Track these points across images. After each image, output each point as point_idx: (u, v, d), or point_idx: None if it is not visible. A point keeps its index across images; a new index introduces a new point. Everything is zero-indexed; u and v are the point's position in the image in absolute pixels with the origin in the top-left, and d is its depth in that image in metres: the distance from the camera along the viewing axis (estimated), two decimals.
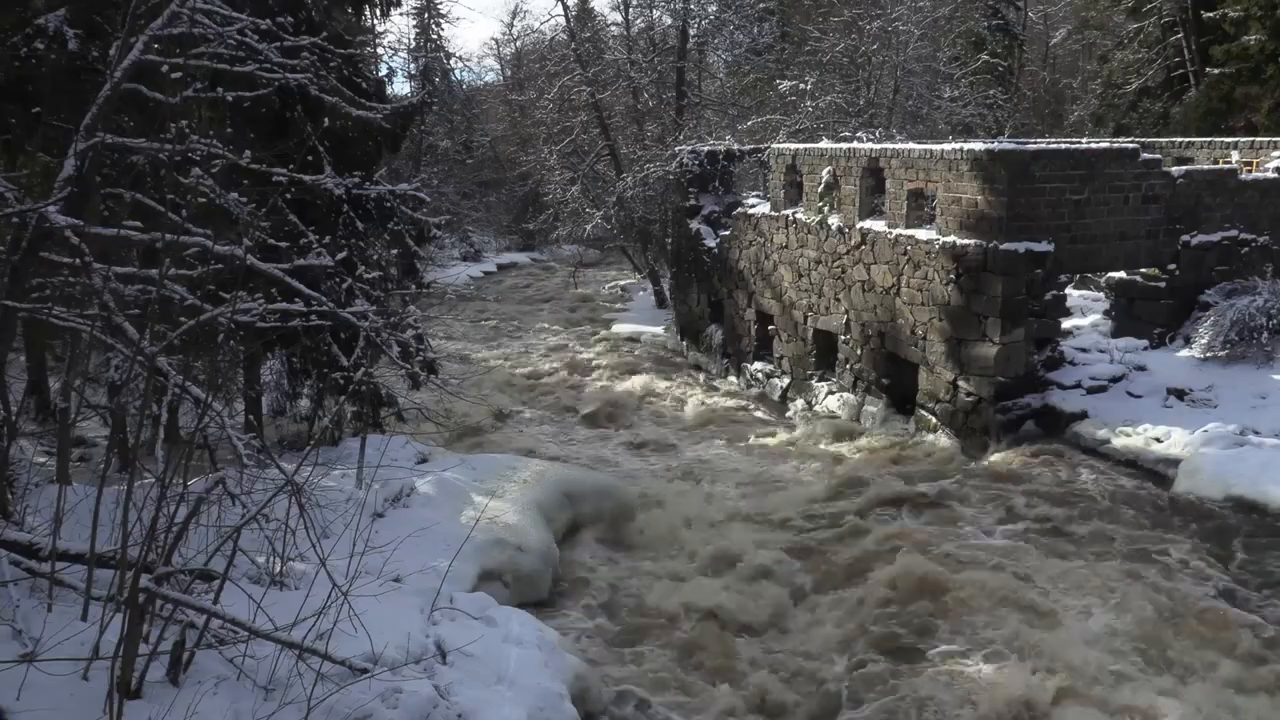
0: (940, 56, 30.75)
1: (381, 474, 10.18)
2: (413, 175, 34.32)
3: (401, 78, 51.69)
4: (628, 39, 33.55)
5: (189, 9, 7.98)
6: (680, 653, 9.37)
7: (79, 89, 9.20)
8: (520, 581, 10.10)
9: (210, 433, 9.09)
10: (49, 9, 9.42)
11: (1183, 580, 10.01)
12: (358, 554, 6.42)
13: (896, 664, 8.96)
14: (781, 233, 19.30)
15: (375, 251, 13.63)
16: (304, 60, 9.67)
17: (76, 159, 7.49)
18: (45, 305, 7.70)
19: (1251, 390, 13.58)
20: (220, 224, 9.44)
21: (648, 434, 17.73)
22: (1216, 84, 27.64)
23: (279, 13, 10.24)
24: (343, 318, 9.92)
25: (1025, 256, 13.83)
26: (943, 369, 14.85)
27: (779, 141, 23.54)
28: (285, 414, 14.74)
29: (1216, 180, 15.77)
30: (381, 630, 6.54)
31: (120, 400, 10.27)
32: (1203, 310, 15.21)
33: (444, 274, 35.44)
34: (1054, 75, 42.19)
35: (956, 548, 11.08)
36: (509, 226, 47.71)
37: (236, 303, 7.45)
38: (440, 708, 6.48)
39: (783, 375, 19.51)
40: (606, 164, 32.76)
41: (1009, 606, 9.58)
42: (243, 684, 6.02)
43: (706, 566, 11.18)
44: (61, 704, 5.39)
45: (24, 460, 9.05)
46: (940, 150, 14.87)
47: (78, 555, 6.55)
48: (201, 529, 6.83)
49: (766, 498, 13.47)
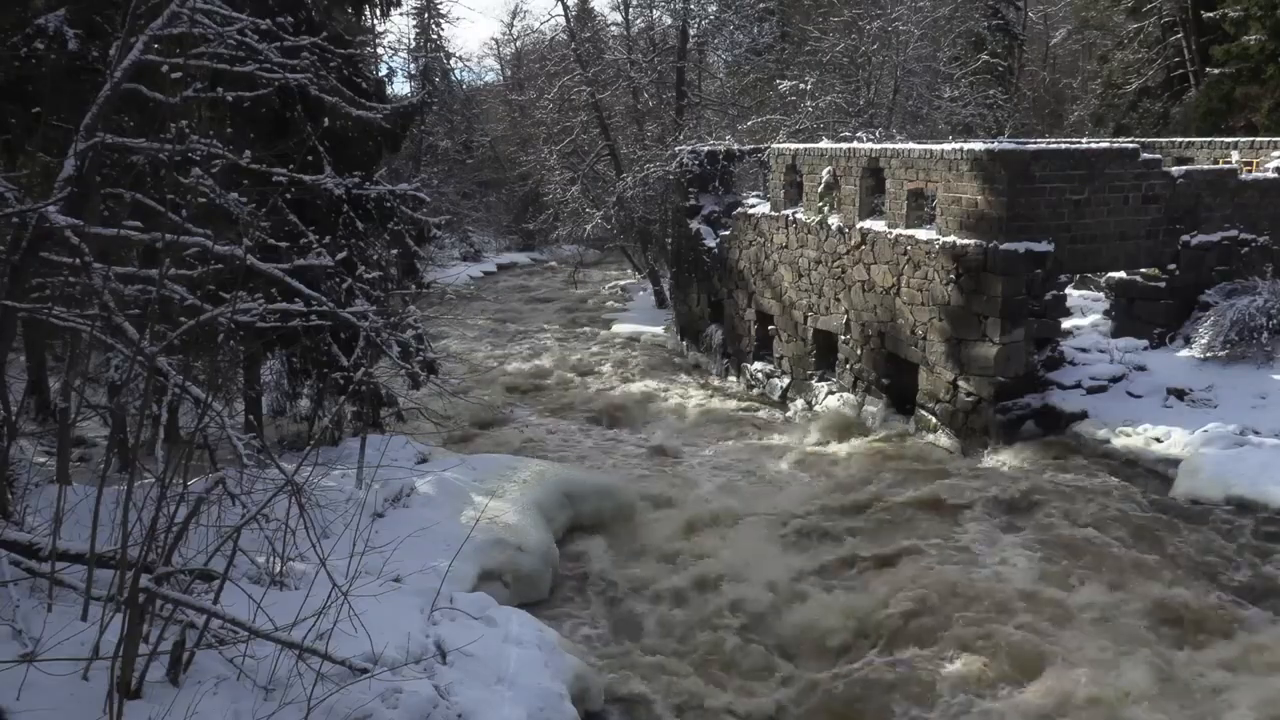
0: (940, 56, 30.74)
1: (381, 474, 10.18)
2: (413, 175, 34.32)
3: (401, 78, 51.81)
4: (628, 39, 33.55)
5: (189, 9, 7.98)
6: (680, 652, 9.37)
7: (79, 89, 9.21)
8: (520, 581, 10.10)
9: (210, 433, 9.09)
10: (49, 9, 9.42)
11: (1183, 580, 10.01)
12: (358, 554, 6.42)
13: (897, 665, 8.95)
14: (781, 233, 19.29)
15: (375, 251, 13.64)
16: (304, 60, 9.67)
17: (76, 159, 7.49)
18: (45, 305, 7.70)
19: (1251, 390, 13.58)
20: (220, 224, 9.45)
21: (647, 434, 17.73)
22: (1216, 84, 27.65)
23: (279, 13, 10.24)
24: (343, 318, 9.92)
25: (1025, 256, 13.83)
26: (943, 369, 14.85)
27: (779, 141, 23.54)
28: (285, 414, 14.74)
29: (1216, 180, 15.76)
30: (381, 630, 6.54)
31: (120, 400, 10.27)
32: (1203, 310, 15.21)
33: (444, 274, 35.44)
34: (1054, 75, 42.20)
35: (956, 548, 11.08)
36: (509, 226, 47.74)
37: (236, 303, 7.45)
38: (440, 708, 6.48)
39: (783, 375, 19.51)
40: (606, 164, 32.76)
41: (1009, 607, 9.58)
42: (243, 684, 6.02)
43: (706, 567, 11.18)
44: (61, 704, 5.38)
45: (24, 460, 9.05)
46: (940, 150, 14.87)
47: (78, 555, 6.56)
48: (201, 529, 6.83)
49: (766, 498, 13.47)
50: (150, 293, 7.68)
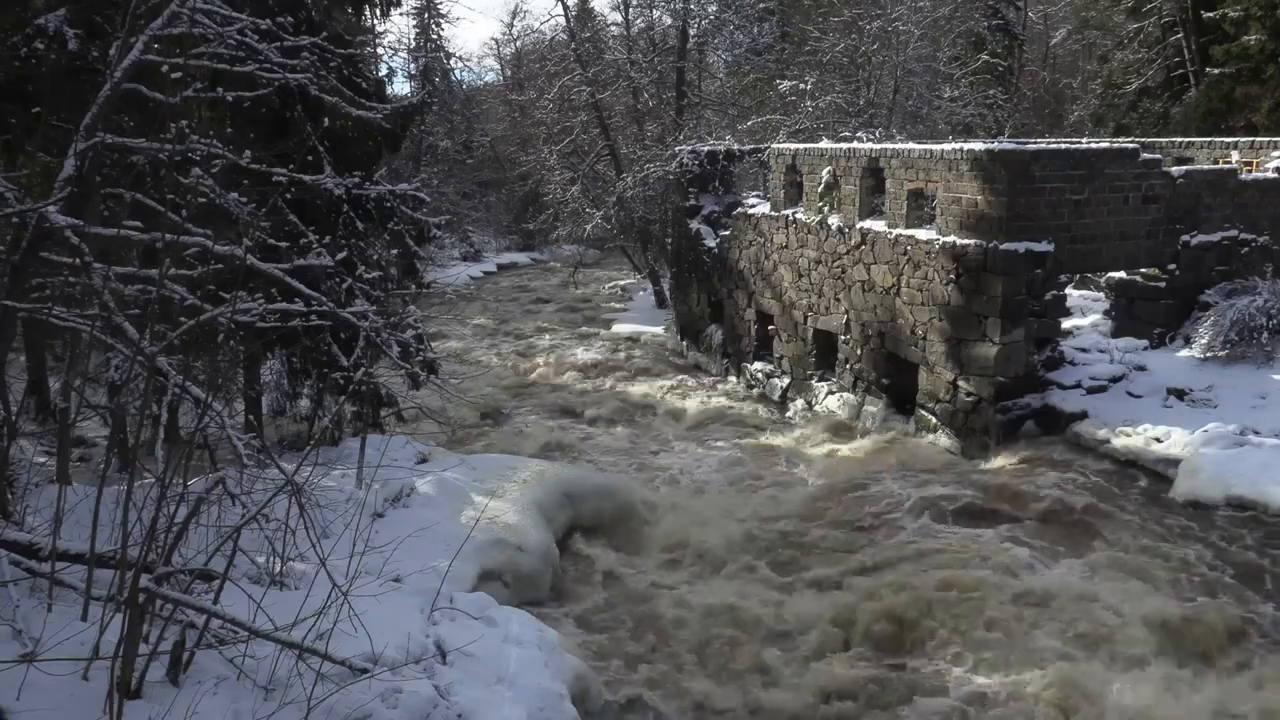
0: (940, 56, 30.75)
1: (381, 474, 10.18)
2: (413, 175, 34.37)
3: (401, 78, 51.84)
4: (628, 39, 33.56)
5: (189, 9, 7.98)
6: (680, 653, 9.37)
7: (79, 89, 9.21)
8: (520, 581, 10.10)
9: (210, 433, 9.08)
10: (49, 9, 9.42)
11: (1182, 580, 10.01)
12: (358, 554, 6.42)
13: (897, 667, 8.96)
14: (781, 233, 19.30)
15: (375, 251, 13.64)
16: (304, 60, 9.67)
17: (76, 159, 7.49)
18: (45, 305, 7.69)
19: (1251, 390, 13.58)
20: (220, 224, 9.45)
21: (647, 434, 17.74)
22: (1216, 84, 27.65)
23: (279, 13, 10.25)
24: (343, 318, 9.92)
25: (1025, 256, 13.83)
26: (943, 369, 14.85)
27: (779, 141, 23.55)
28: (285, 414, 14.74)
29: (1216, 180, 15.76)
30: (381, 630, 6.54)
31: (120, 400, 10.27)
32: (1203, 310, 15.20)
33: (444, 274, 35.48)
34: (1054, 75, 42.21)
35: (956, 548, 11.08)
36: (509, 226, 47.76)
37: (236, 303, 7.45)
38: (440, 708, 6.48)
39: (783, 375, 19.51)
40: (606, 164, 32.77)
41: (1009, 607, 9.57)
42: (243, 684, 6.02)
43: (705, 567, 11.19)
44: (61, 704, 5.38)
45: (24, 460, 9.04)
46: (940, 150, 14.87)
47: (78, 555, 6.55)
48: (201, 529, 6.83)
49: (766, 498, 13.47)
50: (150, 293, 7.68)
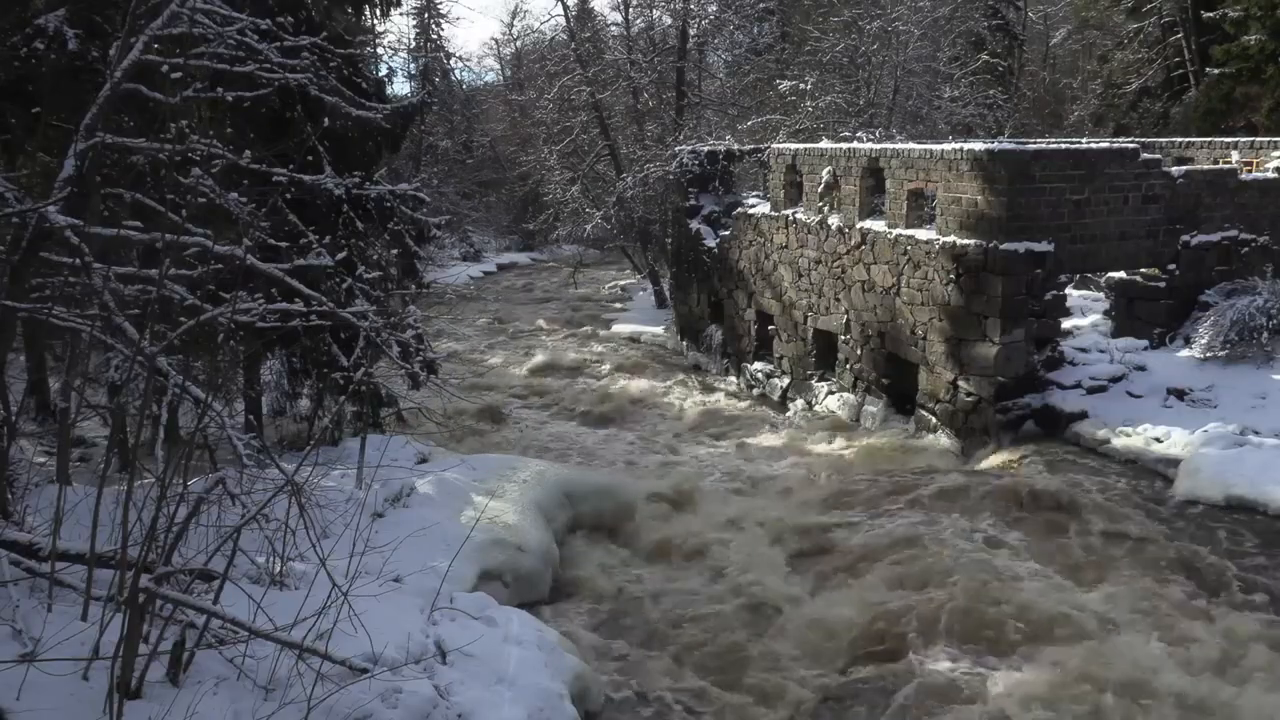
0: (940, 56, 30.76)
1: (381, 474, 10.17)
2: (413, 175, 34.40)
3: (401, 78, 51.88)
4: (628, 39, 33.54)
5: (189, 9, 7.99)
6: (680, 653, 9.36)
7: (79, 89, 9.21)
8: (520, 581, 10.09)
9: (210, 433, 9.10)
10: (49, 9, 9.42)
11: (1182, 580, 10.01)
12: (358, 554, 6.42)
13: (898, 667, 8.94)
14: (781, 233, 19.29)
15: (375, 251, 13.65)
16: (304, 60, 9.69)
17: (76, 159, 7.50)
18: (45, 305, 7.69)
19: (1251, 390, 13.58)
20: (220, 224, 9.45)
21: (647, 434, 17.73)
22: (1216, 84, 27.65)
23: (279, 13, 10.25)
24: (343, 318, 9.92)
25: (1025, 256, 13.83)
26: (943, 369, 14.85)
27: (779, 141, 23.55)
28: (285, 414, 14.73)
29: (1216, 180, 15.76)
30: (381, 630, 6.54)
31: (120, 400, 10.26)
32: (1203, 310, 15.21)
33: (444, 274, 35.46)
34: (1054, 75, 42.22)
35: (956, 548, 11.07)
36: (509, 226, 47.76)
37: (236, 303, 7.45)
38: (440, 708, 6.48)
39: (783, 375, 19.51)
40: (606, 164, 32.77)
41: (1009, 608, 9.57)
42: (243, 684, 6.01)
43: (705, 566, 11.18)
44: (61, 704, 5.38)
45: (24, 460, 9.04)
46: (940, 150, 14.87)
47: (78, 555, 6.55)
48: (201, 529, 6.82)
49: (766, 498, 13.47)
50: (150, 293, 7.68)
